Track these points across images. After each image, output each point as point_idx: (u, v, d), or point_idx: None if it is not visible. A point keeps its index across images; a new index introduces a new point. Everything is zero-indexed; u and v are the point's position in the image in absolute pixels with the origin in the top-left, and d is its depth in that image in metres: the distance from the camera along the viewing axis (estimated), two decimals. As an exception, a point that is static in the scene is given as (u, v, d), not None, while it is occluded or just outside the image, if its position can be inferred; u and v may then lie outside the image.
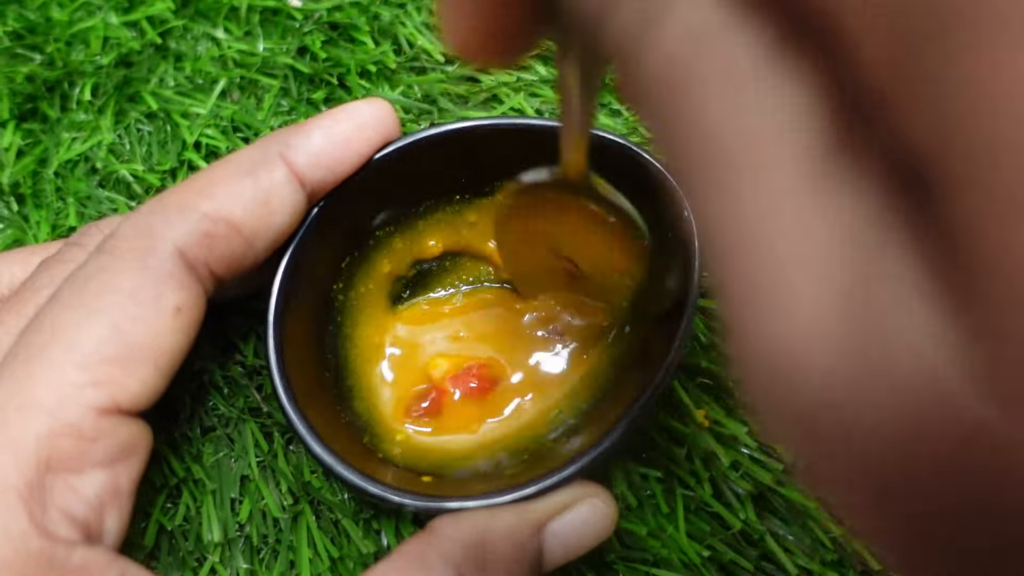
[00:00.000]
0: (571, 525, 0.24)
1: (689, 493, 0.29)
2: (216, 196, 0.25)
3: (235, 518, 0.29)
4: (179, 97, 0.36)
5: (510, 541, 0.23)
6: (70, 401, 0.22)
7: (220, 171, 0.26)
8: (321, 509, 0.29)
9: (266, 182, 0.25)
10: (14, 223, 0.34)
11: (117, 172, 0.35)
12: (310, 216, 0.27)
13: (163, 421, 0.30)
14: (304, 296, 0.28)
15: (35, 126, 0.36)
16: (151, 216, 0.25)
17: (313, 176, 0.26)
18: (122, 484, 0.24)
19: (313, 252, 0.28)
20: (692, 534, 0.29)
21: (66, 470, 0.22)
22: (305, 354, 0.28)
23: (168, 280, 0.24)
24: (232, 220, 0.25)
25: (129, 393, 0.23)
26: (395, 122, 0.28)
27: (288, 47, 0.37)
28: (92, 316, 0.23)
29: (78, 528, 0.22)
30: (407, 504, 0.24)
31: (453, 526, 0.23)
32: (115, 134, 0.36)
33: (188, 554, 0.28)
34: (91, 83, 0.36)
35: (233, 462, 0.30)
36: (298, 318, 0.28)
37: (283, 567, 0.28)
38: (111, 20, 0.38)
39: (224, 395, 0.31)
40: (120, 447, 0.23)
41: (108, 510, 0.23)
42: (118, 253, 0.24)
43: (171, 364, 0.24)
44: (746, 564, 0.28)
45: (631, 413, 0.24)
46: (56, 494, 0.22)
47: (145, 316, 0.23)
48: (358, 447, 0.27)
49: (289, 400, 0.25)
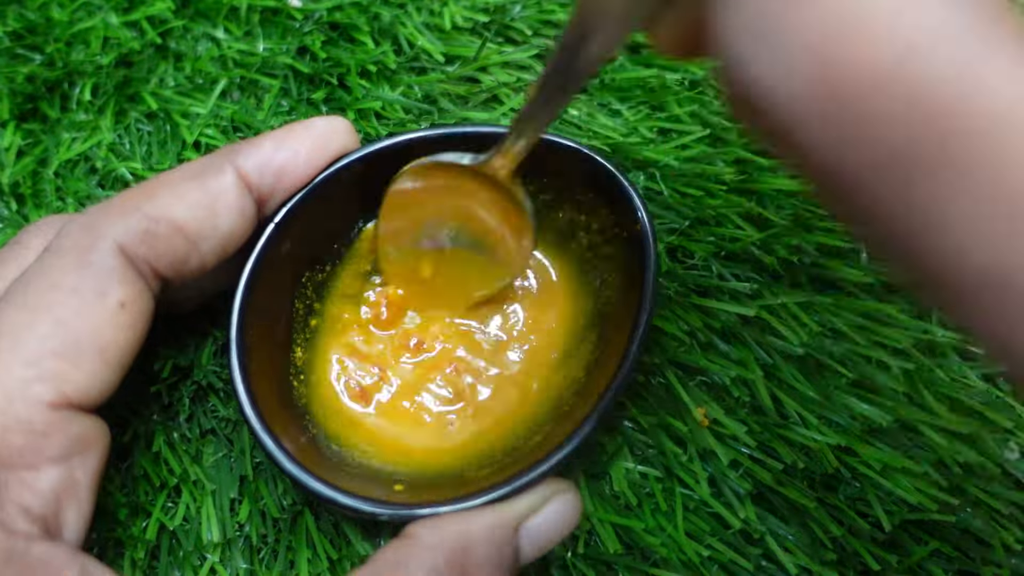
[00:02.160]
0: (545, 523, 0.25)
1: (688, 492, 0.29)
2: (159, 197, 0.25)
3: (234, 518, 0.29)
4: (179, 97, 0.36)
5: (490, 546, 0.23)
6: (18, 397, 0.22)
7: (168, 176, 0.26)
8: (320, 510, 0.29)
9: (213, 185, 0.26)
10: (14, 223, 0.34)
11: (117, 171, 0.35)
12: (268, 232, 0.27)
13: (163, 422, 0.30)
14: (265, 310, 0.28)
15: (35, 126, 0.36)
16: (95, 216, 0.25)
17: (261, 182, 0.27)
18: (79, 479, 0.24)
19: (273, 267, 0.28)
20: (691, 533, 0.29)
21: (19, 466, 0.22)
22: (268, 367, 0.28)
23: (110, 276, 0.24)
24: (174, 220, 0.25)
25: (77, 387, 0.23)
26: (351, 137, 0.28)
27: (288, 47, 0.37)
28: (36, 314, 0.23)
29: (36, 523, 0.22)
30: (380, 513, 0.24)
31: (431, 532, 0.23)
32: (115, 134, 0.36)
33: (188, 554, 0.28)
34: (91, 83, 0.36)
35: (232, 463, 0.30)
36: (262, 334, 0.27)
37: (282, 567, 0.28)
38: (111, 20, 0.38)
39: (222, 397, 0.31)
40: (74, 442, 0.23)
41: (65, 505, 0.23)
42: (62, 251, 0.24)
43: (120, 358, 0.24)
44: (746, 564, 0.28)
45: (598, 410, 0.25)
46: (11, 490, 0.22)
47: (88, 311, 0.24)
48: (324, 458, 0.27)
49: (258, 421, 0.25)
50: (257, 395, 0.26)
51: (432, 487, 0.26)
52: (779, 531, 0.29)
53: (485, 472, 0.27)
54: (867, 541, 0.28)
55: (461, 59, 0.37)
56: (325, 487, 0.24)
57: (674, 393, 0.30)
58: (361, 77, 0.36)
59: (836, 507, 0.29)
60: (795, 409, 0.30)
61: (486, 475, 0.26)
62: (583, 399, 0.27)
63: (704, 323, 0.31)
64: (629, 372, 0.25)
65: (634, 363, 0.25)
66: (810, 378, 0.30)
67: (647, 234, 0.27)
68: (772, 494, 0.29)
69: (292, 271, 0.29)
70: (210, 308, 0.31)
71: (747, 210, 0.33)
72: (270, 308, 0.28)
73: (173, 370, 0.31)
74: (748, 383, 0.30)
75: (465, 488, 0.25)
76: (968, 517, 0.28)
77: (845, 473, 0.29)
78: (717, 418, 0.29)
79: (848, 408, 0.30)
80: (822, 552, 0.28)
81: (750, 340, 0.31)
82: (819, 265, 0.32)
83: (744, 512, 0.28)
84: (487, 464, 0.27)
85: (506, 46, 0.37)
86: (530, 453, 0.26)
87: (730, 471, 0.29)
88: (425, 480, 0.27)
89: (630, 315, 0.26)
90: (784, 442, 0.29)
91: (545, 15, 0.38)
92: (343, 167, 0.28)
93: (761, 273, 0.32)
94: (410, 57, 0.37)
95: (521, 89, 0.36)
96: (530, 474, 0.24)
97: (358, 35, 0.37)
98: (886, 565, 0.28)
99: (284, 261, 0.28)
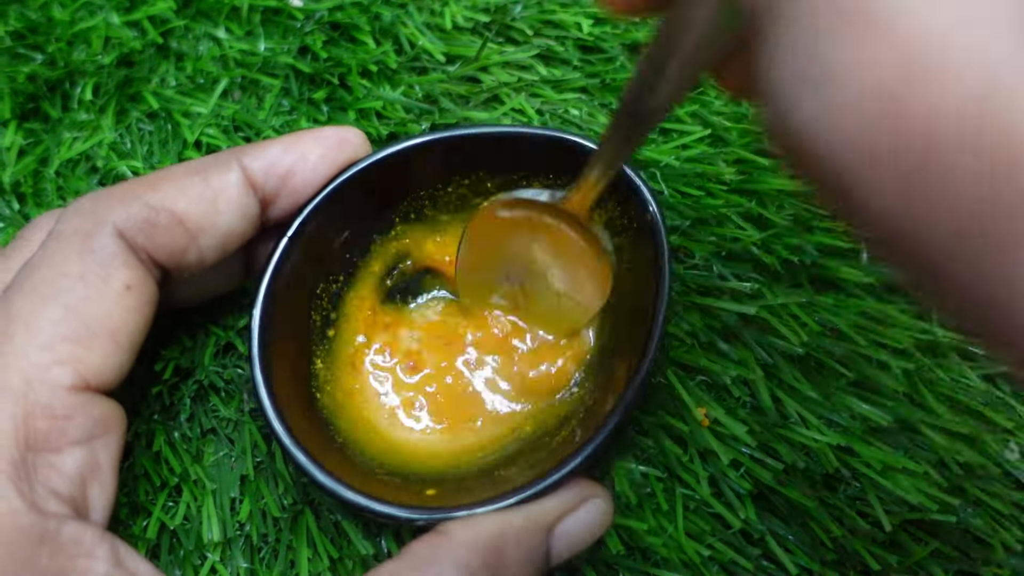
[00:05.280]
0: (576, 526, 0.25)
1: (689, 492, 0.29)
2: (161, 188, 0.26)
3: (235, 518, 0.29)
4: (180, 96, 0.36)
5: (523, 547, 0.23)
6: (38, 382, 0.23)
7: (172, 169, 0.26)
8: (321, 509, 0.29)
9: (216, 181, 0.26)
10: (15, 222, 0.34)
11: (117, 170, 0.35)
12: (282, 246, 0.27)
13: (164, 422, 0.30)
14: (283, 324, 0.28)
15: (36, 125, 0.36)
16: (96, 202, 0.25)
17: (267, 184, 0.27)
18: (101, 460, 0.24)
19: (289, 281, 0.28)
20: (692, 533, 0.29)
21: (45, 449, 0.23)
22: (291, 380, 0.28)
23: (113, 260, 0.24)
24: (175, 212, 0.25)
25: (94, 368, 0.24)
26: (364, 147, 0.28)
27: (289, 47, 0.37)
28: (46, 301, 0.24)
29: (66, 503, 0.23)
30: (416, 519, 0.24)
31: (465, 530, 0.23)
32: (116, 133, 0.36)
33: (189, 553, 0.28)
34: (92, 82, 0.37)
35: (233, 462, 0.30)
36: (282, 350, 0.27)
37: (283, 566, 0.28)
38: (113, 20, 0.38)
39: (223, 397, 0.31)
40: (95, 424, 0.24)
41: (90, 486, 0.24)
42: (64, 237, 0.25)
43: (130, 340, 0.25)
44: (746, 564, 0.28)
45: (622, 403, 0.25)
46: (39, 472, 0.22)
47: (96, 295, 0.24)
48: (354, 466, 0.27)
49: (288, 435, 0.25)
50: (284, 409, 0.26)
51: (463, 488, 0.26)
52: (779, 531, 0.29)
53: (514, 470, 0.27)
54: (867, 541, 0.28)
55: (462, 59, 0.37)
56: (360, 497, 0.24)
57: (674, 393, 0.30)
58: (362, 77, 0.36)
59: (836, 507, 0.29)
60: (795, 409, 0.30)
61: (516, 473, 0.26)
62: (605, 391, 0.27)
63: (705, 323, 0.31)
64: (653, 360, 0.25)
65: (657, 350, 0.25)
66: (810, 378, 0.30)
67: (658, 223, 0.27)
68: (772, 494, 0.29)
69: (307, 283, 0.29)
70: (210, 307, 0.31)
71: (748, 210, 0.33)
72: (288, 321, 0.28)
73: (175, 371, 0.31)
74: (748, 383, 0.30)
75: (496, 487, 0.25)
76: (968, 517, 0.28)
77: (845, 473, 0.29)
78: (717, 418, 0.29)
79: (848, 408, 0.30)
80: (822, 552, 0.28)
81: (750, 340, 0.31)
82: (819, 265, 0.32)
83: (744, 512, 0.28)
84: (517, 462, 0.27)
85: (507, 46, 0.37)
86: (559, 448, 0.26)
87: (730, 471, 0.29)
88: (455, 481, 0.27)
89: (645, 305, 0.26)
90: (784, 442, 0.29)
91: (546, 15, 0.38)
92: (354, 175, 0.28)
93: (761, 273, 0.32)
94: (411, 57, 0.37)
95: (522, 89, 0.36)
96: (561, 471, 0.24)
97: (359, 35, 0.37)
98: (886, 565, 0.28)
99: (299, 274, 0.28)
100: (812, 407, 0.30)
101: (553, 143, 0.29)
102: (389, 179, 0.29)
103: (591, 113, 0.36)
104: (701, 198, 0.33)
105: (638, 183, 0.27)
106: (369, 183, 0.29)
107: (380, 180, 0.29)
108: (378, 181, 0.29)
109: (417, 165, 0.29)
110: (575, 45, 0.37)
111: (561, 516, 0.25)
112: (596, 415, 0.26)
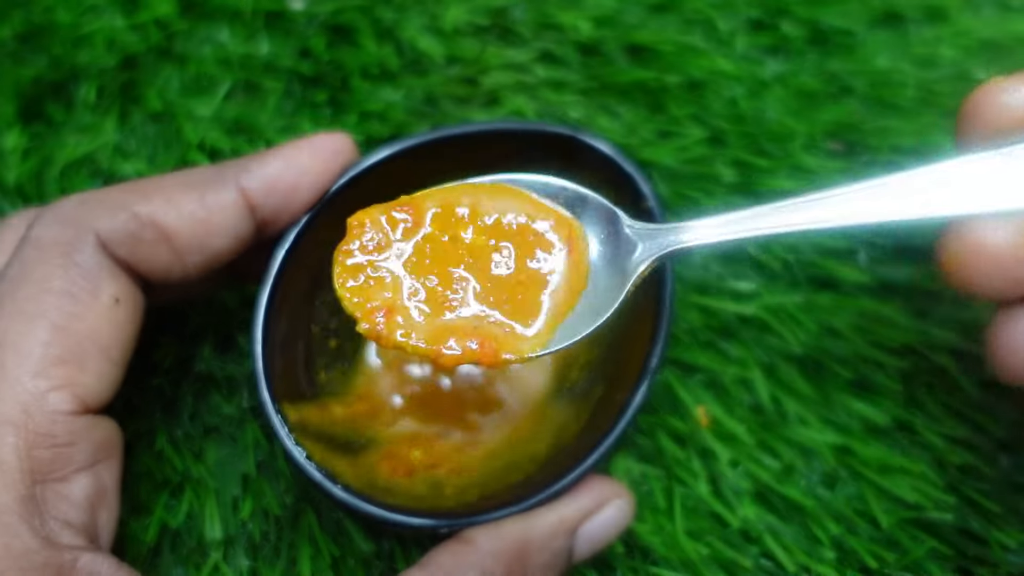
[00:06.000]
0: (600, 528, 0.25)
1: (688, 491, 0.29)
2: (153, 199, 0.24)
3: (237, 516, 0.29)
4: (183, 99, 0.37)
5: (546, 551, 0.23)
6: (36, 410, 0.22)
7: (168, 179, 0.25)
8: (322, 508, 0.29)
9: (212, 200, 0.25)
10: (19, 223, 0.35)
11: (121, 172, 0.35)
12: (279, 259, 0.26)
13: (165, 420, 0.30)
14: (285, 338, 0.27)
15: (40, 127, 0.37)
16: (79, 207, 0.24)
17: (267, 202, 0.25)
18: (107, 483, 0.23)
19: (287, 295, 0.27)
20: (691, 532, 0.29)
21: (52, 479, 0.22)
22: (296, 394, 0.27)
23: (100, 272, 0.23)
24: (164, 227, 0.24)
25: (90, 389, 0.23)
26: (354, 153, 0.28)
27: (291, 49, 0.37)
28: (33, 320, 0.22)
29: (78, 533, 0.22)
30: (440, 526, 0.24)
31: (489, 538, 0.23)
32: (119, 135, 0.36)
33: (191, 551, 0.29)
34: (96, 85, 0.37)
35: (235, 461, 0.30)
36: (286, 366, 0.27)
37: (285, 564, 0.28)
38: (116, 23, 0.38)
39: (224, 395, 0.31)
40: (98, 448, 0.23)
41: (99, 511, 0.23)
42: (43, 247, 0.23)
43: (123, 354, 0.24)
44: (745, 562, 0.28)
45: (638, 393, 0.25)
46: (49, 504, 0.22)
47: (85, 311, 0.23)
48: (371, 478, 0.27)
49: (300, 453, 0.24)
50: (292, 423, 0.25)
51: (482, 492, 0.26)
52: (778, 529, 0.29)
53: (530, 470, 0.27)
54: (865, 540, 0.28)
55: (462, 61, 0.37)
56: (381, 510, 0.24)
57: (674, 392, 0.30)
58: (363, 79, 0.37)
59: (834, 506, 0.29)
60: (794, 408, 0.30)
61: (533, 472, 0.26)
62: (616, 386, 0.27)
63: (704, 322, 0.31)
64: (663, 350, 0.25)
65: (666, 340, 0.25)
66: (809, 378, 0.31)
67: (656, 214, 0.26)
68: (771, 493, 0.29)
69: (306, 295, 0.29)
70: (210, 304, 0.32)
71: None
72: (289, 334, 0.28)
73: (174, 363, 0.31)
74: (747, 382, 0.30)
75: (514, 488, 0.25)
76: (965, 516, 0.29)
77: (843, 472, 0.29)
78: (717, 417, 0.30)
79: (846, 408, 0.30)
80: (820, 550, 0.28)
81: (749, 340, 0.31)
82: (818, 265, 0.32)
83: (743, 511, 0.29)
84: (532, 461, 0.27)
85: (507, 48, 0.38)
86: (573, 445, 0.26)
87: (729, 470, 0.29)
88: (473, 483, 0.27)
89: (649, 296, 0.26)
90: (783, 441, 0.29)
91: (545, 18, 0.38)
92: (347, 183, 0.28)
93: (761, 273, 0.32)
94: (411, 59, 0.37)
95: (521, 91, 0.37)
96: (578, 469, 0.24)
97: (360, 37, 0.37)
98: (884, 563, 0.28)
99: (298, 286, 0.28)
100: (810, 406, 0.30)
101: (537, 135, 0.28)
102: (385, 183, 0.29)
103: (590, 114, 0.36)
104: (700, 199, 0.33)
105: (631, 172, 0.27)
106: (362, 189, 0.28)
107: (376, 186, 0.29)
108: (375, 187, 0.29)
109: (410, 168, 0.29)
110: (574, 47, 0.38)
111: (584, 518, 0.24)
112: (608, 408, 0.26)
